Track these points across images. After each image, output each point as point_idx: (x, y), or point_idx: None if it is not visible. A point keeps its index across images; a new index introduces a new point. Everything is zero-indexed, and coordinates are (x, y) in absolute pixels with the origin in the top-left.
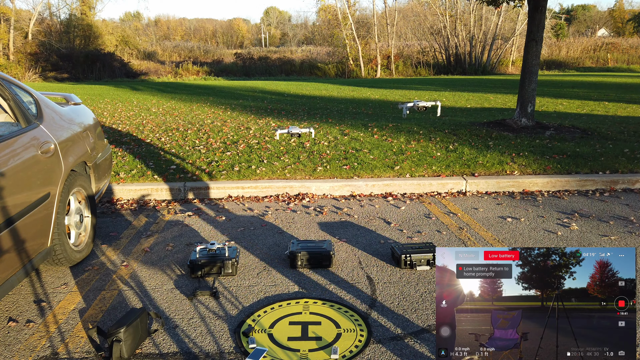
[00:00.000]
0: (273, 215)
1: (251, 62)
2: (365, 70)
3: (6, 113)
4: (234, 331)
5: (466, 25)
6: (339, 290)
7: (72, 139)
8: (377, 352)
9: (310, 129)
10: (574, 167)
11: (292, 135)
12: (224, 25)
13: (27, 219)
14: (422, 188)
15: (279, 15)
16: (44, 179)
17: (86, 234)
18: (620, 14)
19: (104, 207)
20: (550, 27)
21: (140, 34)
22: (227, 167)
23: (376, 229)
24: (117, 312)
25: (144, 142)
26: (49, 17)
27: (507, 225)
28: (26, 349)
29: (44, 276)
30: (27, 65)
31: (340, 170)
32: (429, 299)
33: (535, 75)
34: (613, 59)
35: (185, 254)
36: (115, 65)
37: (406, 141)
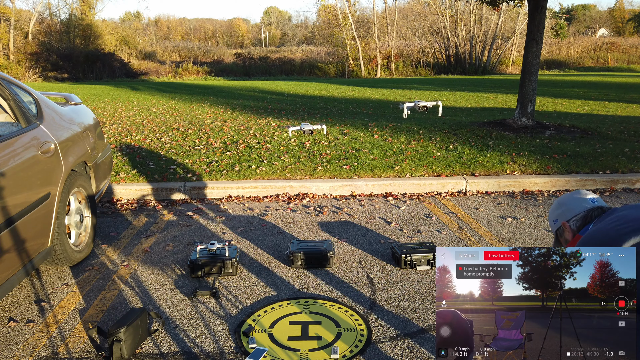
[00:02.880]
0: (273, 215)
1: (251, 62)
2: (365, 70)
3: (6, 113)
4: (234, 331)
5: (466, 25)
6: (339, 290)
7: (72, 139)
8: (377, 351)
9: (322, 125)
10: (574, 167)
11: (305, 132)
12: (224, 25)
13: (28, 218)
14: (422, 188)
15: (279, 15)
16: (44, 179)
17: (86, 234)
18: (620, 14)
19: (104, 207)
20: (550, 27)
21: (140, 34)
22: (227, 167)
23: (376, 229)
24: (117, 312)
25: (144, 142)
26: (49, 17)
27: (507, 225)
28: (26, 348)
29: (44, 276)
30: (27, 65)
31: (340, 170)
32: (429, 299)
33: (536, 75)
34: (613, 58)
35: (185, 254)
36: (115, 65)
37: (406, 141)
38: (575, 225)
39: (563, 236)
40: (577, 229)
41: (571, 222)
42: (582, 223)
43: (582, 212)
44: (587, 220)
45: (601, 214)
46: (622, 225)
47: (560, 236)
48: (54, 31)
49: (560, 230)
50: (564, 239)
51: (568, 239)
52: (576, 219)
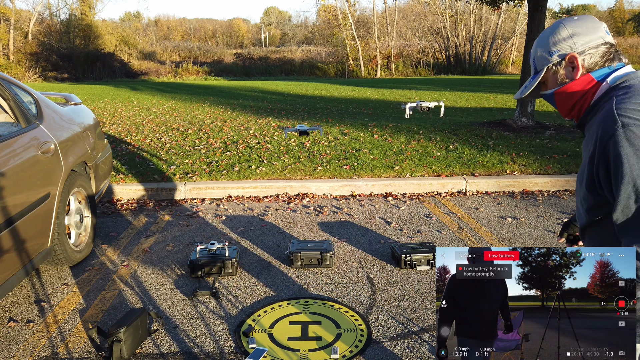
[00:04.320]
0: (273, 215)
1: (251, 62)
2: (365, 70)
3: (6, 113)
4: (234, 331)
5: (466, 25)
6: (339, 290)
7: (72, 139)
8: (377, 352)
9: (318, 127)
10: (574, 167)
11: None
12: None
13: (27, 219)
14: (422, 188)
15: (279, 15)
16: (44, 179)
17: (86, 234)
18: (620, 14)
19: (104, 207)
20: None
21: (140, 34)
22: (227, 167)
23: (376, 229)
24: (117, 312)
25: (144, 142)
26: (49, 17)
27: (507, 225)
28: (26, 349)
29: (44, 276)
30: (27, 65)
31: (340, 170)
32: (429, 299)
33: None
34: None
35: (185, 254)
36: (115, 65)
37: (406, 141)
38: (590, 61)
39: (558, 73)
40: (590, 67)
41: (585, 54)
42: (599, 61)
43: (602, 46)
44: (607, 60)
45: (621, 62)
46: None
47: (550, 71)
48: (53, 31)
49: (558, 66)
50: (557, 76)
51: (569, 77)
52: (592, 53)
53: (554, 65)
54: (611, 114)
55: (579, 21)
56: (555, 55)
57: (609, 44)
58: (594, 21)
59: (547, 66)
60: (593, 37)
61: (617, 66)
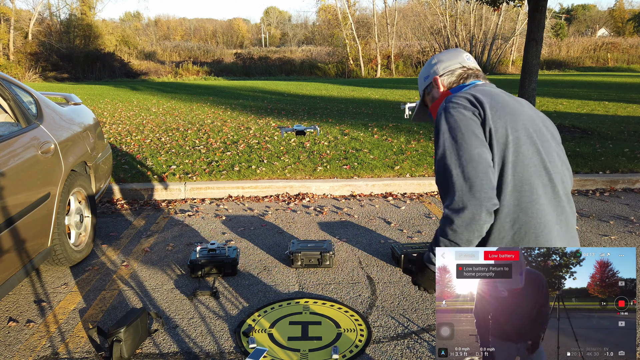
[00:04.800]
0: (273, 215)
1: (251, 62)
2: (365, 70)
3: (6, 113)
4: (234, 331)
5: (466, 25)
6: (339, 290)
7: (72, 139)
8: (377, 352)
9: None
10: (574, 167)
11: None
12: (224, 25)
13: (27, 219)
14: (422, 188)
15: (279, 15)
16: (44, 179)
17: (86, 234)
18: (620, 14)
19: (104, 207)
20: (550, 27)
21: (140, 34)
22: (227, 167)
23: (376, 229)
24: (117, 312)
25: (144, 142)
26: (49, 17)
27: None
28: (26, 349)
29: (44, 276)
30: (27, 65)
31: (340, 170)
32: (429, 299)
33: (536, 75)
34: (613, 58)
35: (185, 254)
36: (115, 65)
37: (406, 141)
38: (447, 81)
39: (431, 93)
40: (449, 86)
41: (444, 77)
42: (455, 80)
43: (459, 69)
44: (462, 78)
45: (476, 80)
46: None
47: (427, 94)
48: (54, 31)
49: (430, 88)
50: (431, 96)
51: (436, 95)
52: (450, 74)
53: (427, 87)
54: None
55: (445, 53)
56: (427, 80)
57: (465, 68)
58: (457, 51)
59: (424, 89)
60: (452, 62)
61: (470, 83)
